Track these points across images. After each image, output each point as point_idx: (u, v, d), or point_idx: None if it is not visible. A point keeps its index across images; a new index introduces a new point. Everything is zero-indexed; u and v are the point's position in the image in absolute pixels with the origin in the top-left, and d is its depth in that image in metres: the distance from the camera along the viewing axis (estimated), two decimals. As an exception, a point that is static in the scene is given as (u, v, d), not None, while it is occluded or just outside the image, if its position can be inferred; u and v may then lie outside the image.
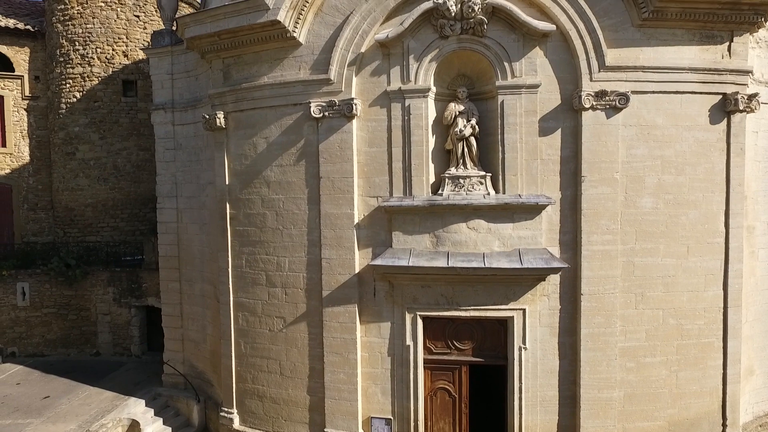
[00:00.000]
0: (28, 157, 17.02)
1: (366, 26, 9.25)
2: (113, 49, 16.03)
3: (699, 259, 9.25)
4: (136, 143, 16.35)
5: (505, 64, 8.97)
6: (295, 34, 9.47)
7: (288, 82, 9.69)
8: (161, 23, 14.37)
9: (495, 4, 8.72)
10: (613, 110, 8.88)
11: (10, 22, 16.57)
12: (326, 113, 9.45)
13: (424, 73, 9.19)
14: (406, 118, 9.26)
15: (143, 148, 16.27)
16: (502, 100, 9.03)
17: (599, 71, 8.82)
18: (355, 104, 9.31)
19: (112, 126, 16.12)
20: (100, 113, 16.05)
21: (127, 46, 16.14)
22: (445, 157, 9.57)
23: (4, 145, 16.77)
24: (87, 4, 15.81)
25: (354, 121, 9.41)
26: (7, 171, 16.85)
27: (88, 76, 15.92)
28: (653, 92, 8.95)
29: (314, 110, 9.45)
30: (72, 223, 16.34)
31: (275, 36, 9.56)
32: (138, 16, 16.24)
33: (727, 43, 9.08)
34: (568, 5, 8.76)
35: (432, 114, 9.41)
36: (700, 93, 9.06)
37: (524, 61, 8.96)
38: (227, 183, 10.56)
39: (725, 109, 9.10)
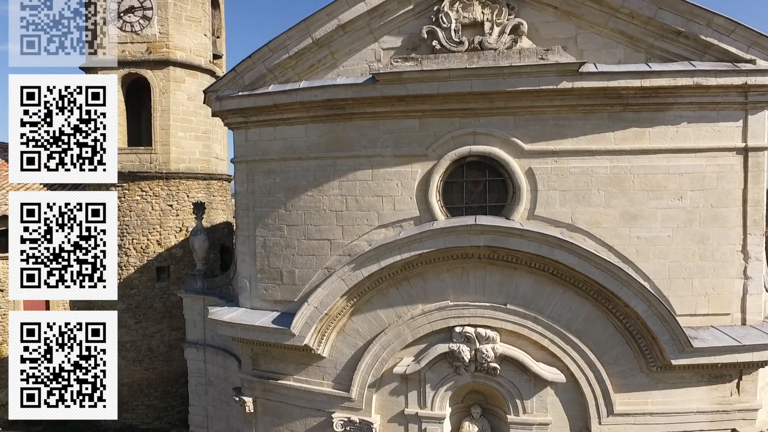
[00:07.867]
0: (69, 328, 18.11)
1: (385, 355, 9.83)
2: (148, 239, 17.00)
3: None
4: (169, 324, 17.29)
5: (517, 401, 9.44)
6: (318, 351, 10.14)
7: (312, 392, 10.36)
8: (192, 210, 15.05)
9: (507, 354, 9.21)
10: (622, 455, 9.27)
11: (54, 206, 17.69)
12: (348, 428, 10.07)
13: (440, 401, 9.72)
14: (422, 440, 9.83)
15: (175, 328, 17.19)
16: (514, 435, 9.52)
17: (608, 416, 9.21)
18: (374, 428, 9.90)
19: (146, 311, 17.09)
20: (135, 299, 17.03)
21: (160, 234, 17.09)
22: (460, 468, 10.10)
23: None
24: (125, 197, 16.80)
25: (374, 438, 10.03)
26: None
27: (124, 266, 16.91)
28: (661, 434, 9.31)
29: (336, 425, 10.07)
30: (109, 399, 17.36)
31: (300, 348, 10.23)
32: (171, 205, 17.16)
33: (736, 381, 9.35)
34: (577, 356, 9.18)
35: (447, 432, 9.97)
36: (709, 431, 9.37)
37: (535, 399, 9.42)
38: (256, 462, 11.30)
39: (734, 444, 9.38)
